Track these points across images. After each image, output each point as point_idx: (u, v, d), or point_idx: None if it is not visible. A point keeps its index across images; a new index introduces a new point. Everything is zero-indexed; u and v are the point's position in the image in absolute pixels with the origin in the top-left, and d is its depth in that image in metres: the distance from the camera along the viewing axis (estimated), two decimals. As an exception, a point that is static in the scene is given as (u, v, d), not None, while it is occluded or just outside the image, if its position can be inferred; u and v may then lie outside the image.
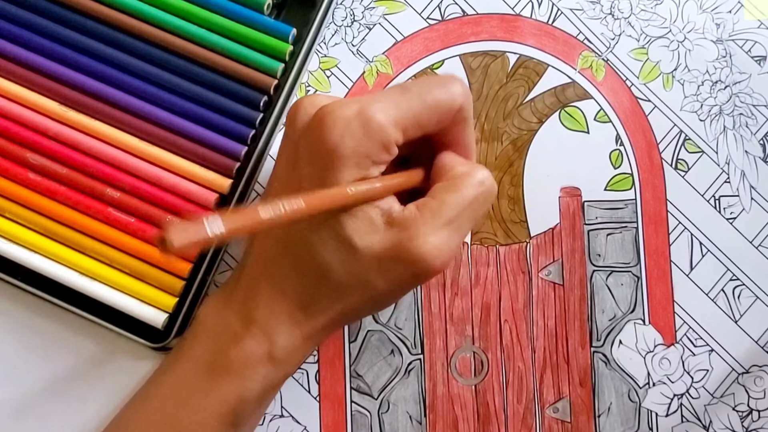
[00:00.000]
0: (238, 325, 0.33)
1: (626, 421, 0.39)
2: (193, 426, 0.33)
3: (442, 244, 0.31)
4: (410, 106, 0.32)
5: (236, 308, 0.34)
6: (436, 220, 0.31)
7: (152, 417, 0.34)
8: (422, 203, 0.32)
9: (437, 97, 0.32)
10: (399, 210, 0.32)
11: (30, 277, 0.37)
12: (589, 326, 0.40)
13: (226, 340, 0.33)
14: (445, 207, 0.32)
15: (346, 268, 0.32)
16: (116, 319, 0.37)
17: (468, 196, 0.32)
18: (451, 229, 0.32)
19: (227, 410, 0.33)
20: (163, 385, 0.34)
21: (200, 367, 0.33)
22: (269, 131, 0.38)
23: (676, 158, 0.41)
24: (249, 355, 0.33)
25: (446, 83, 0.33)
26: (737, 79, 0.41)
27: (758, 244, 0.40)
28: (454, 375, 0.40)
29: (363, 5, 0.41)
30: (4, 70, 0.38)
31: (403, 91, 0.32)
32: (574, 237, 0.40)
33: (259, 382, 0.33)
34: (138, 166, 0.37)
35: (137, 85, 0.38)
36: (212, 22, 0.38)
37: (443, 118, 0.33)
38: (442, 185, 0.33)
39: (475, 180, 0.33)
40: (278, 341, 0.33)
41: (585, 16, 0.41)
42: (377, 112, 0.31)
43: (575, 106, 0.41)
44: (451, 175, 0.33)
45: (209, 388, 0.33)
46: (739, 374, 0.40)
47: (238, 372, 0.33)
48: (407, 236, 0.31)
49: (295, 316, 0.33)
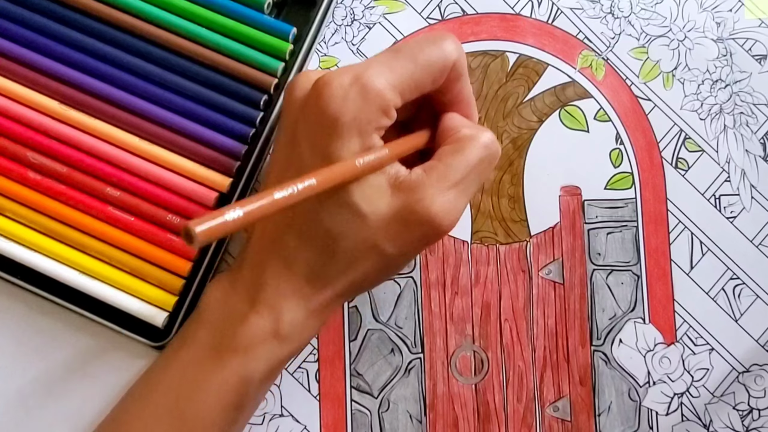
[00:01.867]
0: (244, 305, 0.33)
1: (626, 420, 0.39)
2: (196, 409, 0.33)
3: (450, 204, 0.32)
4: (404, 68, 0.32)
5: (241, 289, 0.33)
6: (443, 182, 0.32)
7: (156, 401, 0.33)
8: (429, 166, 0.32)
9: (430, 56, 0.32)
10: (405, 174, 0.32)
11: (30, 275, 0.37)
12: (590, 325, 0.40)
13: (231, 321, 0.33)
14: (451, 170, 0.32)
15: (354, 236, 0.32)
16: (116, 318, 0.37)
17: (473, 159, 0.33)
18: (458, 191, 0.32)
19: (232, 391, 0.33)
20: (167, 371, 0.34)
21: (205, 350, 0.33)
22: (269, 130, 0.38)
23: (676, 157, 0.41)
24: (255, 333, 0.33)
25: (437, 41, 0.33)
26: (738, 77, 0.41)
27: (758, 243, 0.40)
28: (454, 374, 0.40)
29: (363, 4, 0.41)
30: (4, 69, 0.38)
31: (396, 54, 0.32)
32: (575, 236, 0.40)
33: (264, 360, 0.33)
34: (138, 165, 0.37)
35: (137, 84, 0.38)
36: (213, 21, 0.38)
37: (438, 77, 0.33)
38: (448, 148, 0.33)
39: (480, 142, 0.33)
40: (285, 317, 0.33)
41: (585, 16, 0.41)
42: (373, 77, 0.31)
43: (575, 105, 0.41)
44: (457, 137, 0.33)
45: (213, 370, 0.33)
46: (740, 373, 0.40)
47: (243, 352, 0.33)
48: (415, 198, 0.31)
49: (303, 290, 0.33)
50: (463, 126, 0.34)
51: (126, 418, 0.34)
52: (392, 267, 0.35)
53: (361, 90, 0.31)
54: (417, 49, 0.32)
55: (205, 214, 0.25)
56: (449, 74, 0.33)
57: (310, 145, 0.32)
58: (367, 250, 0.32)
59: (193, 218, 0.25)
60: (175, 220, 0.37)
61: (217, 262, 0.38)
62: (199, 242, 0.25)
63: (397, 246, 0.32)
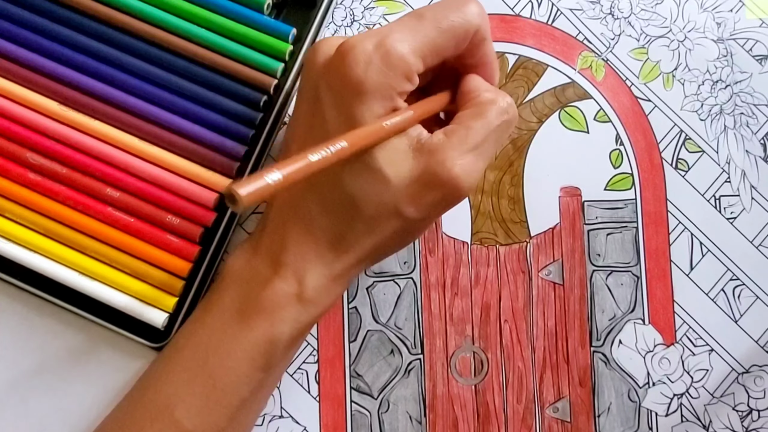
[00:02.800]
0: (267, 270, 0.33)
1: (626, 421, 0.39)
2: (225, 370, 0.33)
3: (470, 166, 0.32)
4: (427, 34, 0.32)
5: (264, 255, 0.34)
6: (464, 145, 0.32)
7: (184, 365, 0.34)
8: (450, 130, 0.33)
9: (453, 22, 0.32)
10: (427, 137, 0.33)
11: (30, 276, 0.37)
12: (589, 326, 0.40)
13: (255, 285, 0.33)
14: (471, 133, 0.32)
15: (377, 199, 0.32)
16: (116, 319, 0.37)
17: (493, 123, 0.33)
18: (478, 153, 0.33)
19: (259, 353, 0.33)
20: (193, 335, 0.34)
21: (230, 313, 0.34)
22: (269, 131, 0.38)
23: (676, 158, 0.41)
24: (279, 297, 0.33)
25: (461, 5, 0.33)
26: (738, 78, 0.41)
27: (758, 243, 0.40)
28: (454, 375, 0.40)
29: (363, 5, 0.41)
30: (3, 70, 0.38)
31: (419, 18, 0.32)
32: (574, 237, 0.40)
33: (290, 323, 0.33)
34: (138, 166, 0.37)
35: (137, 85, 0.38)
36: (212, 21, 0.38)
37: (461, 43, 0.33)
38: (469, 112, 0.33)
39: (499, 107, 0.33)
40: (308, 282, 0.33)
41: (585, 16, 0.41)
42: (397, 42, 0.31)
43: (575, 106, 0.41)
44: (477, 101, 0.34)
45: (240, 333, 0.33)
46: (739, 374, 0.40)
47: (268, 314, 0.33)
48: (436, 161, 0.32)
49: (325, 256, 0.33)
50: (483, 89, 0.34)
51: (155, 383, 0.34)
52: (413, 231, 0.35)
53: (385, 55, 0.31)
54: (441, 14, 0.32)
55: (248, 177, 0.26)
56: (472, 38, 0.33)
57: (334, 108, 0.32)
58: (389, 214, 0.32)
59: (234, 183, 0.26)
60: (175, 221, 0.37)
61: (217, 262, 0.38)
62: (244, 205, 0.26)
63: (418, 209, 0.32)
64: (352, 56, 0.31)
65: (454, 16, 0.32)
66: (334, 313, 0.39)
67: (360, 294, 0.40)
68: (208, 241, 0.37)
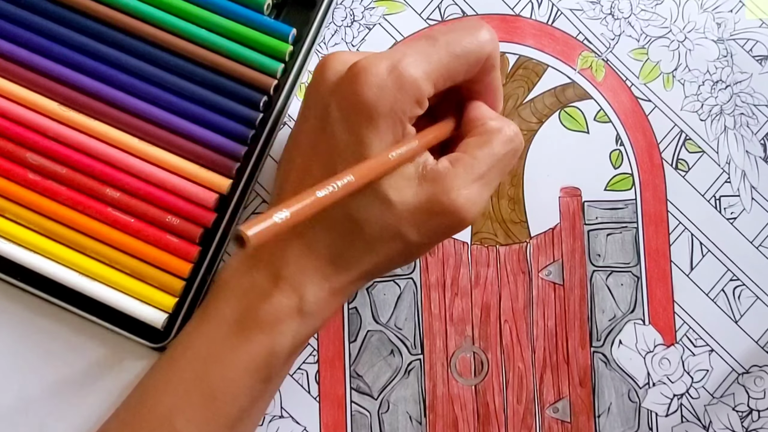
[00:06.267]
0: (266, 282, 0.33)
1: (626, 422, 0.39)
2: (225, 382, 0.33)
3: (475, 196, 0.32)
4: (440, 59, 0.32)
5: (263, 267, 0.34)
6: (469, 174, 0.32)
7: (183, 375, 0.34)
8: (455, 158, 0.33)
9: (466, 47, 0.32)
10: (433, 164, 0.33)
11: (30, 277, 0.37)
12: (589, 326, 0.40)
13: (254, 297, 0.33)
14: (477, 162, 0.32)
15: (380, 222, 0.32)
16: (116, 319, 0.37)
17: (499, 152, 0.33)
18: (483, 183, 0.33)
19: (259, 365, 0.33)
20: (190, 346, 0.34)
21: (229, 325, 0.33)
22: (269, 131, 0.38)
23: (676, 158, 0.41)
24: (279, 310, 0.33)
25: (473, 31, 0.33)
26: (738, 78, 0.41)
27: (759, 244, 0.40)
28: (454, 375, 0.40)
29: (363, 5, 0.41)
30: (4, 70, 0.38)
31: (432, 42, 0.32)
32: (574, 237, 0.40)
33: (290, 336, 0.33)
34: (138, 166, 0.37)
35: (137, 85, 0.38)
36: (212, 22, 0.38)
37: (472, 68, 0.33)
38: (474, 140, 0.33)
39: (505, 136, 0.33)
40: (308, 295, 0.33)
41: (585, 17, 0.41)
42: (410, 66, 0.31)
43: (575, 107, 0.41)
44: (483, 129, 0.33)
45: (240, 345, 0.33)
46: (739, 374, 0.40)
47: (268, 327, 0.33)
48: (441, 189, 0.32)
49: (325, 270, 0.33)
50: (489, 117, 0.34)
51: (154, 392, 0.34)
52: (414, 253, 0.35)
53: (398, 79, 0.31)
54: (453, 38, 0.32)
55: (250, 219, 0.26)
56: (482, 65, 0.33)
57: (344, 130, 0.32)
58: (390, 237, 0.32)
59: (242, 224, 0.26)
60: (175, 221, 0.37)
61: (217, 262, 0.38)
62: (252, 246, 0.26)
63: (420, 234, 0.33)
64: (365, 78, 0.31)
65: (468, 41, 0.32)
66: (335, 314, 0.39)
67: (360, 294, 0.40)
68: (208, 242, 0.37)
